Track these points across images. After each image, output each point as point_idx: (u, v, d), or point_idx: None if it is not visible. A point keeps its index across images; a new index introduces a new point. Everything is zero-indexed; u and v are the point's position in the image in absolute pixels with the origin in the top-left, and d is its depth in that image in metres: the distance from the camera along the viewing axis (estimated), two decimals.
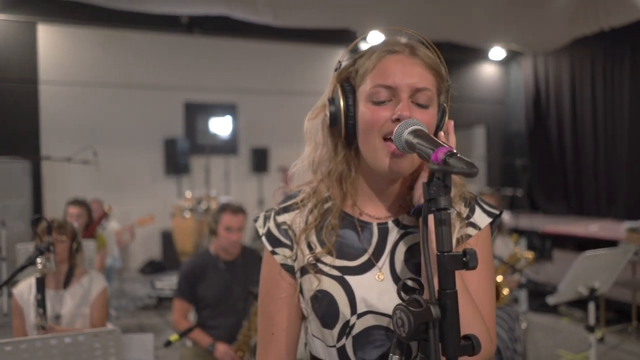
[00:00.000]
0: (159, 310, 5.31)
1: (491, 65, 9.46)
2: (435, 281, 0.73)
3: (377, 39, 1.16)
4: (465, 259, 0.70)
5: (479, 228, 1.00)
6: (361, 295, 0.95)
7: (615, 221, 7.02)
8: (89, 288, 2.45)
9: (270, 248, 1.04)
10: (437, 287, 0.72)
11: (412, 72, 0.93)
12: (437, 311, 0.68)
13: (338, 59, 1.04)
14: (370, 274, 0.97)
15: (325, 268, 0.98)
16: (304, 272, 1.00)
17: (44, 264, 1.99)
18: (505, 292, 2.76)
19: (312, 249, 1.00)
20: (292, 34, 6.99)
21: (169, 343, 2.31)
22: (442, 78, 0.98)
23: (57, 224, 2.39)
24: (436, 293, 0.72)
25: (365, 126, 0.95)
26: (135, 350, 1.84)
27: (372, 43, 1.02)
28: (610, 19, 5.62)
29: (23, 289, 2.37)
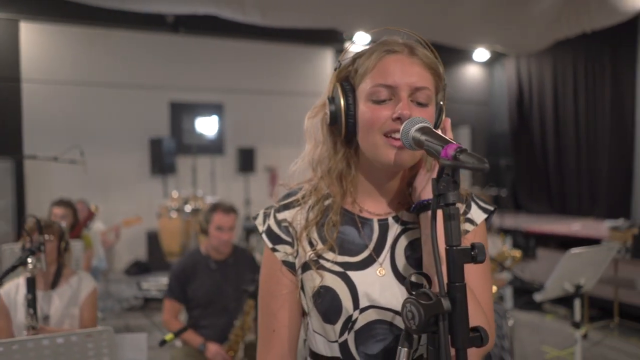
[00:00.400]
0: (145, 311, 5.26)
1: (475, 67, 9.56)
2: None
3: (365, 39, 1.18)
4: (473, 252, 0.72)
5: (476, 224, 1.02)
6: (364, 290, 0.96)
7: (596, 220, 7.17)
8: (78, 288, 2.42)
9: (270, 245, 1.05)
10: (446, 281, 0.73)
11: (412, 72, 0.95)
12: (447, 304, 0.70)
13: (337, 59, 1.06)
14: (372, 269, 0.98)
15: (327, 264, 0.99)
16: (306, 268, 1.01)
17: (34, 264, 1.97)
18: (493, 290, 2.80)
19: (313, 246, 1.01)
20: (278, 34, 6.97)
21: (164, 342, 2.29)
22: (439, 77, 1.01)
23: (43, 223, 2.36)
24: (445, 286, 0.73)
25: (365, 125, 0.96)
26: (129, 350, 1.83)
27: (362, 43, 1.03)
28: (592, 22, 5.73)
29: (9, 289, 2.33)
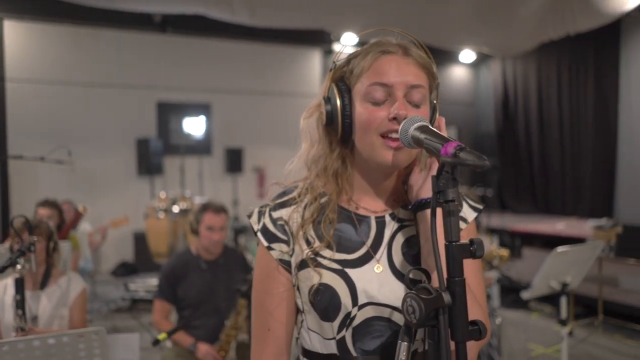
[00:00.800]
0: (133, 312, 5.22)
1: (461, 68, 9.65)
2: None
3: (355, 40, 1.20)
4: (472, 248, 0.73)
5: (467, 222, 1.05)
6: (362, 287, 0.97)
7: (580, 219, 7.29)
8: (67, 289, 2.39)
9: (266, 244, 1.05)
10: (445, 276, 0.75)
11: (407, 71, 0.97)
12: (448, 297, 0.71)
13: (332, 60, 1.07)
14: (369, 266, 0.99)
15: (325, 262, 0.99)
16: (302, 266, 1.01)
17: (23, 265, 1.95)
18: None
19: (310, 244, 1.02)
20: (266, 35, 6.96)
21: (157, 342, 2.27)
22: (433, 76, 1.03)
23: (32, 224, 2.33)
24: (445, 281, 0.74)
25: (362, 125, 0.97)
26: (121, 350, 1.82)
27: (355, 45, 1.05)
28: (576, 24, 5.82)
29: None
